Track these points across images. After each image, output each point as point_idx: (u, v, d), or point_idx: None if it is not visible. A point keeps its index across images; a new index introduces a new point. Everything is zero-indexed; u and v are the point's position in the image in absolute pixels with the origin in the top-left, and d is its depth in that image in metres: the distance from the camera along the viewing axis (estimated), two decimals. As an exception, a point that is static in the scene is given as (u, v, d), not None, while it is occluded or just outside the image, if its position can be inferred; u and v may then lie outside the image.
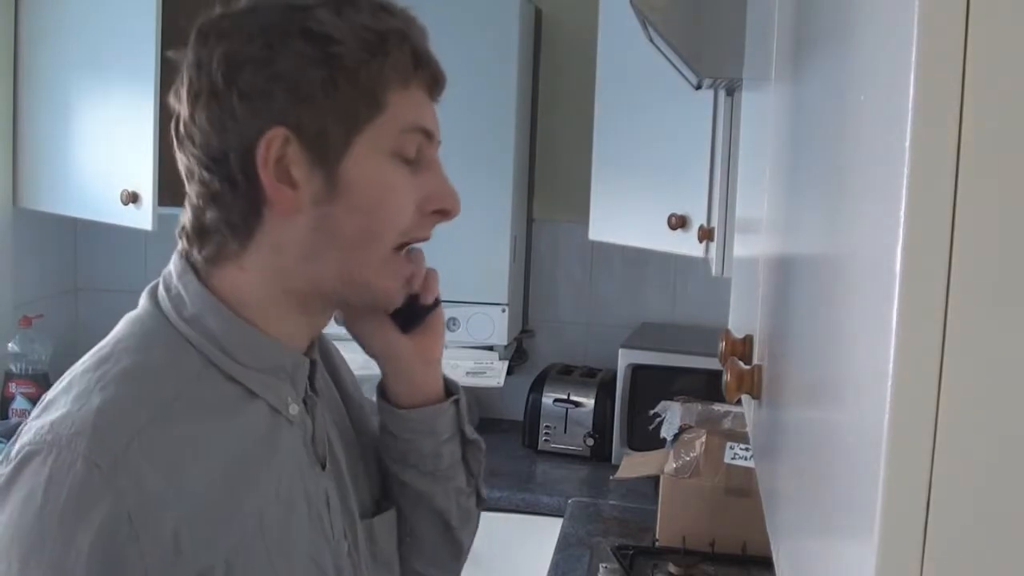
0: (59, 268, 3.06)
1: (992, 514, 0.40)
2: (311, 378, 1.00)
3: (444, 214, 0.97)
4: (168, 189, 2.57)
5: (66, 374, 0.90)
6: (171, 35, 2.55)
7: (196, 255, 0.93)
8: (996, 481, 0.40)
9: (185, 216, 0.94)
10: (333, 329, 1.05)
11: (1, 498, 0.81)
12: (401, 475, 1.09)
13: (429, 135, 0.94)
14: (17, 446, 0.83)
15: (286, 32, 0.88)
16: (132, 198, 2.44)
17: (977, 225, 0.39)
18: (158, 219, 2.46)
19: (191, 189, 0.93)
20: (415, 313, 1.04)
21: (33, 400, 2.64)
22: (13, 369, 2.69)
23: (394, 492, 1.11)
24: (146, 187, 2.43)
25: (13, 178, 2.73)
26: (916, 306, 0.40)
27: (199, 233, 0.92)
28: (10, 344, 2.68)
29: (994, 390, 0.40)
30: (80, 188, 2.61)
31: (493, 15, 2.68)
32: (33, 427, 0.84)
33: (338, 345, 1.18)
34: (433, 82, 0.95)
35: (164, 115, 2.41)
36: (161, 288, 0.94)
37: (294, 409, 0.95)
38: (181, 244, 0.95)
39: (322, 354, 1.11)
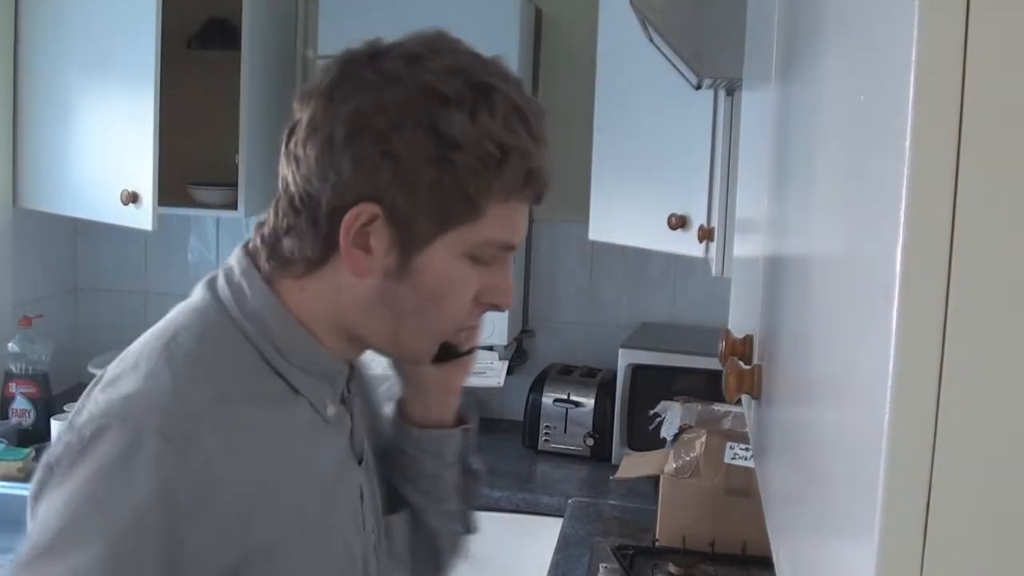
0: (59, 268, 3.06)
1: (992, 514, 0.40)
2: (348, 380, 1.04)
3: (496, 308, 1.00)
4: (168, 189, 2.57)
5: (129, 354, 0.93)
6: (171, 35, 2.56)
7: (263, 257, 0.96)
8: (996, 481, 0.40)
9: (268, 221, 0.97)
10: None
11: (76, 464, 0.84)
12: (400, 488, 1.13)
13: (511, 248, 0.96)
14: (86, 416, 0.87)
15: (417, 120, 0.88)
16: (132, 198, 2.44)
17: (977, 225, 0.39)
18: (158, 219, 2.46)
19: (282, 202, 0.95)
20: (449, 354, 1.06)
21: (33, 400, 2.64)
22: (13, 369, 2.69)
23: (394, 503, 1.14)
24: (146, 187, 2.43)
25: (13, 178, 2.73)
26: (916, 306, 0.40)
27: (272, 245, 0.95)
28: (10, 344, 2.68)
29: (994, 390, 0.40)
30: (80, 188, 2.61)
31: (493, 15, 2.68)
32: (102, 400, 0.88)
33: None
34: (539, 196, 0.96)
35: (164, 115, 2.43)
36: (222, 280, 0.97)
37: (331, 411, 0.99)
38: (252, 242, 0.98)
39: None
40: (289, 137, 0.94)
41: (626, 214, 2.50)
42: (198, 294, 0.98)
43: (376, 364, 1.18)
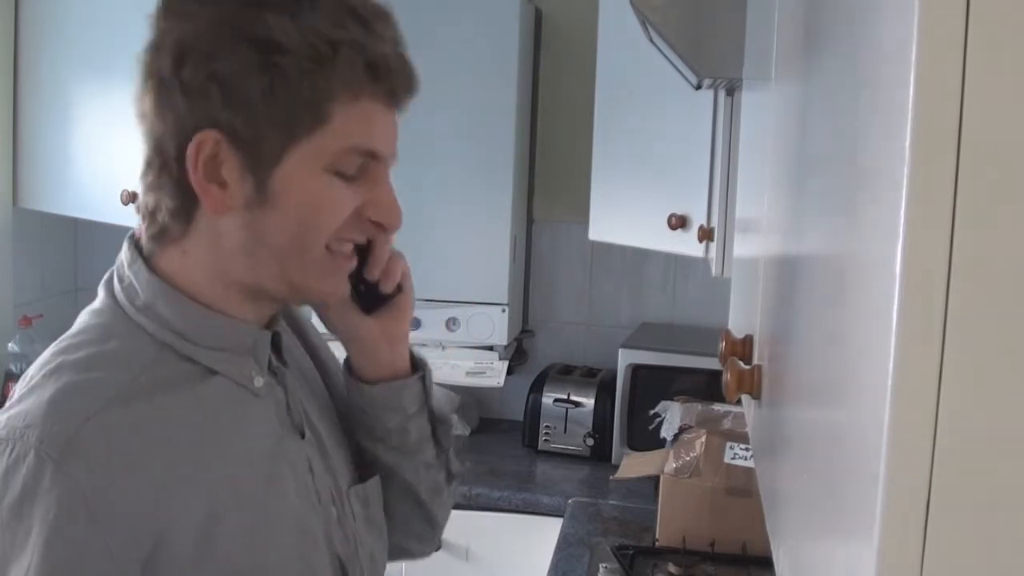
0: (59, 268, 3.06)
1: (992, 514, 0.40)
2: (277, 349, 1.00)
3: (381, 227, 0.95)
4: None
5: (33, 367, 0.91)
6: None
7: (144, 236, 0.93)
8: (996, 481, 0.40)
9: (139, 193, 0.94)
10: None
11: None
12: (370, 449, 1.09)
13: (374, 156, 0.92)
14: None
15: (234, 33, 0.85)
16: (132, 198, 2.43)
17: (977, 225, 0.39)
18: (158, 219, 2.46)
19: (141, 168, 0.93)
20: (377, 298, 1.04)
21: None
22: (13, 369, 2.69)
23: (365, 464, 1.11)
24: (146, 187, 2.42)
25: (13, 178, 2.73)
26: (916, 306, 0.40)
27: (145, 214, 0.93)
28: (10, 344, 2.68)
29: (994, 390, 0.40)
30: (80, 188, 2.61)
31: (493, 15, 2.68)
32: None
33: None
34: (392, 93, 0.91)
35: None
36: (115, 278, 0.95)
37: (259, 382, 0.95)
38: (135, 227, 0.95)
39: (293, 324, 1.12)
40: (136, 102, 0.92)
41: (626, 214, 2.50)
42: (98, 296, 0.95)
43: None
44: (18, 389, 0.89)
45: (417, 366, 1.10)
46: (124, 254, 0.95)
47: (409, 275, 1.07)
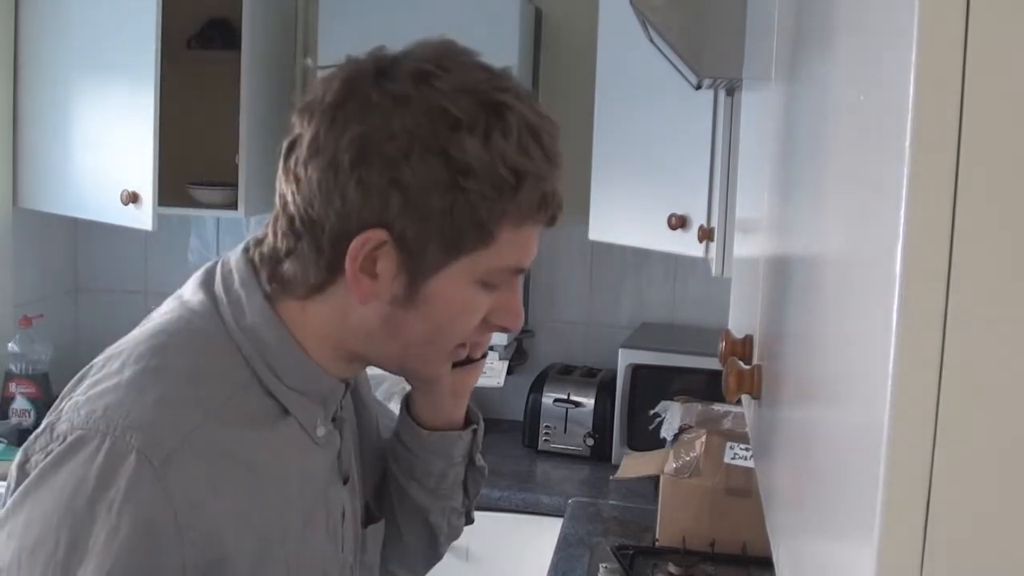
0: (59, 268, 3.05)
1: (992, 514, 0.40)
2: (342, 397, 1.02)
3: (505, 329, 0.98)
4: (168, 189, 2.57)
5: (117, 354, 0.90)
6: (171, 35, 2.55)
7: (264, 279, 0.93)
8: (996, 481, 0.40)
9: (267, 239, 0.93)
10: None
11: (50, 475, 0.82)
12: (405, 486, 1.12)
13: (520, 271, 0.94)
14: (65, 424, 0.85)
15: (427, 146, 0.85)
16: (132, 198, 2.44)
17: (977, 225, 0.39)
18: (158, 219, 2.46)
19: (280, 221, 0.92)
20: (460, 359, 1.06)
21: (33, 400, 2.64)
22: (13, 369, 2.69)
23: (392, 499, 1.13)
24: (146, 187, 2.43)
25: (13, 178, 2.73)
26: (916, 306, 0.40)
27: (273, 266, 0.92)
28: (10, 344, 2.68)
29: (994, 390, 0.40)
30: (80, 188, 2.61)
31: (493, 15, 2.68)
32: (83, 407, 0.85)
33: None
34: (554, 219, 0.93)
35: (164, 115, 2.43)
36: (219, 285, 0.94)
37: (321, 431, 0.97)
38: (252, 252, 0.95)
39: None
40: (288, 153, 0.90)
41: (626, 214, 2.50)
42: (194, 295, 0.94)
43: None
44: (103, 371, 0.88)
45: (471, 419, 1.13)
46: (237, 269, 0.94)
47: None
